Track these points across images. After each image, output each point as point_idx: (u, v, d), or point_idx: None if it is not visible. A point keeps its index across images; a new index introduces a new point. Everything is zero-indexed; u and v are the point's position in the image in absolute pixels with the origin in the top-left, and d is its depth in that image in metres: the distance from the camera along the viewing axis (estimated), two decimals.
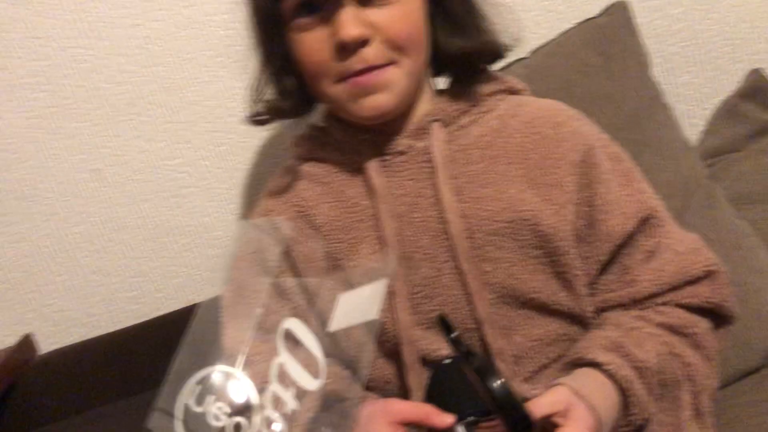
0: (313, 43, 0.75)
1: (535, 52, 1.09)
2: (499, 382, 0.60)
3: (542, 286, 0.77)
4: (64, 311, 1.28)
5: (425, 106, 0.82)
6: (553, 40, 1.10)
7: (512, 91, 0.84)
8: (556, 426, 0.67)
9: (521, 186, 0.77)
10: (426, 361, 0.78)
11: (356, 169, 0.81)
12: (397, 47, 0.74)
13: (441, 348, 0.77)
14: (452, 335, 0.67)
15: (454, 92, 0.83)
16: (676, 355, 0.75)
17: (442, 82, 0.88)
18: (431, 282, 0.77)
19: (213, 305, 0.76)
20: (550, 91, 1.01)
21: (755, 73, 1.20)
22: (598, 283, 0.80)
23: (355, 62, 0.73)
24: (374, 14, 0.73)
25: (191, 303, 1.26)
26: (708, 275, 0.77)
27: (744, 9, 1.19)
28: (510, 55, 0.84)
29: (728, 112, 1.20)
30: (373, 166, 0.80)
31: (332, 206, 0.82)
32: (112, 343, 1.24)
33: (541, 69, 1.04)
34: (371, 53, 0.73)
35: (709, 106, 1.23)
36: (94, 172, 1.21)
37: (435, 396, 0.74)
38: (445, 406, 0.70)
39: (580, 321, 0.79)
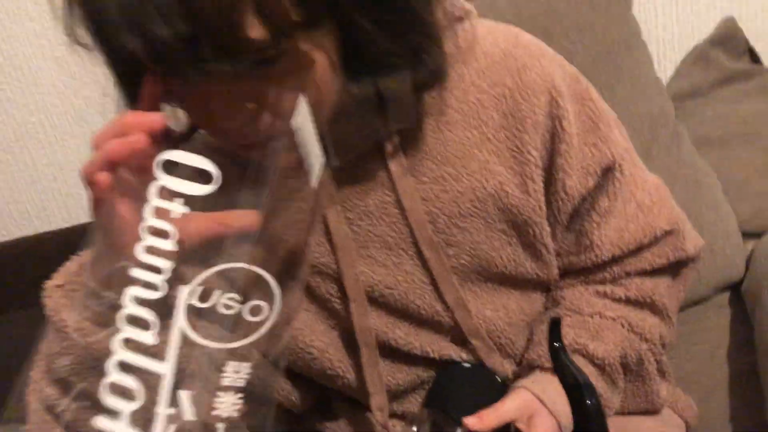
0: (191, 105, 0.60)
1: None
2: (593, 400, 0.60)
3: (510, 259, 0.72)
4: (18, 203, 1.28)
5: None
6: None
7: (460, 19, 0.68)
8: (518, 431, 0.68)
9: (483, 156, 0.68)
10: (387, 349, 0.74)
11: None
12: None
13: (410, 338, 0.74)
14: (556, 344, 0.62)
15: None
16: (636, 333, 0.75)
17: None
18: (391, 271, 0.71)
19: None
20: (534, 16, 1.02)
21: (729, 20, 1.23)
22: (559, 244, 0.75)
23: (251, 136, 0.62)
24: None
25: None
26: (668, 233, 0.74)
27: None
28: None
29: (698, 57, 1.23)
30: None
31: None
32: (66, 239, 1.23)
33: None
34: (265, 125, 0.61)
35: (684, 50, 1.26)
36: (56, 60, 1.19)
37: (439, 391, 0.74)
38: (446, 404, 0.70)
39: (545, 290, 0.78)
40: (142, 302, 0.47)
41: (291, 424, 0.83)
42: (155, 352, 0.45)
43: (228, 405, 0.47)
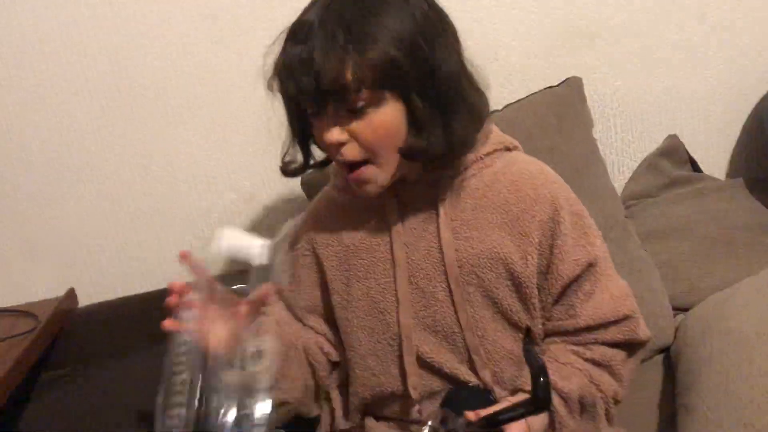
0: (316, 131, 0.92)
1: (507, 106, 1.36)
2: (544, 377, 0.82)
3: (509, 305, 0.97)
4: (102, 271, 1.51)
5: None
6: (522, 99, 1.36)
7: (508, 149, 1.01)
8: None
9: (501, 233, 0.96)
10: (423, 364, 0.98)
11: (379, 204, 0.99)
12: (370, 150, 0.89)
13: (433, 350, 0.98)
14: (527, 346, 0.96)
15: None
16: (595, 384, 0.98)
17: None
18: (428, 295, 0.98)
19: None
20: (515, 139, 1.28)
21: (672, 137, 1.47)
22: (550, 312, 0.99)
23: (338, 156, 0.91)
24: (353, 123, 0.87)
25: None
26: (628, 317, 0.98)
27: (668, 84, 1.47)
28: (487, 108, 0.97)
29: (648, 166, 1.46)
30: (390, 204, 0.99)
31: (355, 232, 1.01)
32: (146, 301, 1.42)
33: (510, 121, 1.27)
34: (348, 152, 0.89)
35: (635, 160, 1.50)
36: (143, 157, 1.45)
37: (450, 399, 0.98)
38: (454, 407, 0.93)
39: (532, 336, 1.00)
40: None
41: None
42: None
43: None
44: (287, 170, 0.99)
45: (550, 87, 1.38)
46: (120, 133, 1.44)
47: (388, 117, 0.87)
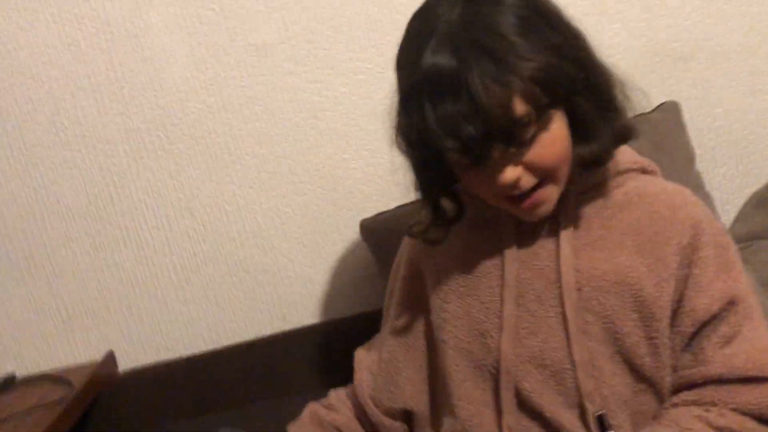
0: (474, 180, 0.84)
1: None
2: None
3: (633, 345, 0.85)
4: (145, 333, 1.42)
5: None
6: None
7: (644, 171, 0.92)
8: None
9: (631, 255, 0.86)
10: (522, 403, 0.87)
11: (494, 213, 0.91)
12: (546, 172, 0.83)
13: (536, 389, 0.87)
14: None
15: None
16: None
17: None
18: (537, 321, 0.88)
19: None
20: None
21: None
22: (677, 360, 0.86)
23: (514, 191, 0.83)
24: (525, 154, 0.80)
25: (261, 335, 1.40)
26: None
27: None
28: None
29: (758, 201, 1.31)
30: (506, 218, 0.91)
31: (463, 247, 0.94)
32: (188, 366, 1.37)
33: None
34: (525, 184, 0.82)
35: (742, 196, 1.35)
36: (186, 210, 1.36)
37: None
38: None
39: (656, 390, 0.86)
40: None
41: None
42: None
43: None
44: (413, 233, 0.94)
45: (644, 114, 1.22)
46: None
47: (558, 132, 0.82)
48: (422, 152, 0.82)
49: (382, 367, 1.02)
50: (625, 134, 0.88)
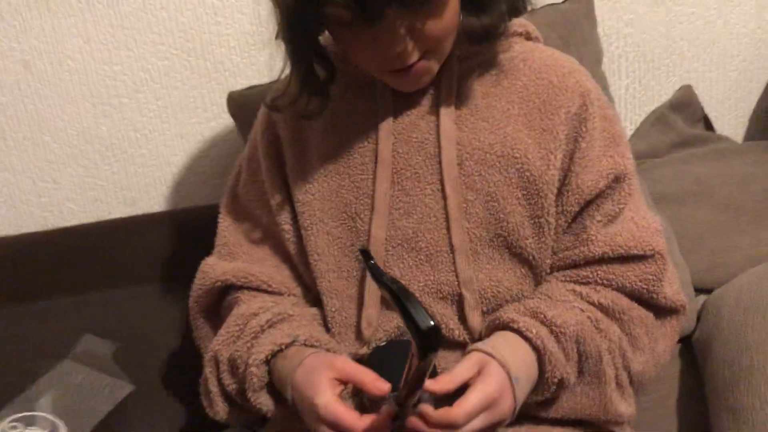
0: (355, 42, 0.75)
1: None
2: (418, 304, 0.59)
3: (517, 225, 0.79)
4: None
5: None
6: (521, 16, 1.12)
7: (529, 37, 0.86)
8: None
9: (518, 126, 0.80)
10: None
11: (369, 82, 0.83)
12: (433, 43, 0.76)
13: (406, 275, 0.80)
14: (371, 262, 0.67)
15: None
16: (600, 330, 0.77)
17: None
18: (413, 200, 0.80)
19: None
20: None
21: (687, 88, 1.28)
22: (558, 240, 0.81)
23: (397, 64, 0.76)
24: (418, 22, 0.73)
25: (101, 219, 1.22)
26: (655, 258, 0.79)
27: (686, 27, 1.28)
28: None
29: (657, 120, 1.27)
30: (382, 85, 0.82)
31: (336, 115, 0.84)
32: (13, 247, 1.18)
33: None
34: (411, 56, 0.75)
35: (642, 112, 1.30)
36: (22, 63, 1.15)
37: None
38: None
39: (535, 274, 0.81)
40: None
41: None
42: None
43: None
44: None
45: (554, 3, 1.13)
46: None
47: (453, 5, 0.75)
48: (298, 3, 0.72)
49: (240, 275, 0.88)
50: (517, 7, 0.85)
